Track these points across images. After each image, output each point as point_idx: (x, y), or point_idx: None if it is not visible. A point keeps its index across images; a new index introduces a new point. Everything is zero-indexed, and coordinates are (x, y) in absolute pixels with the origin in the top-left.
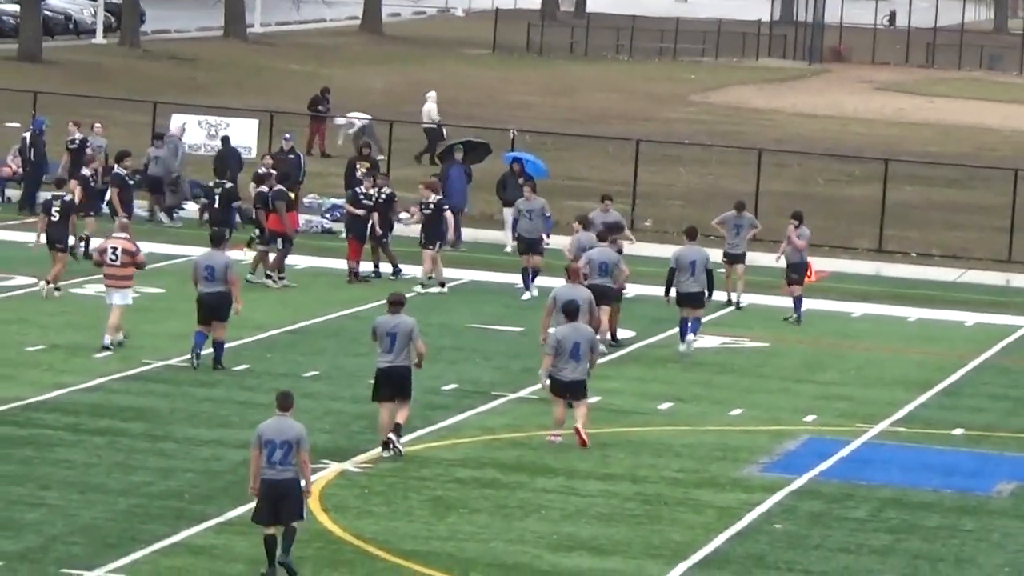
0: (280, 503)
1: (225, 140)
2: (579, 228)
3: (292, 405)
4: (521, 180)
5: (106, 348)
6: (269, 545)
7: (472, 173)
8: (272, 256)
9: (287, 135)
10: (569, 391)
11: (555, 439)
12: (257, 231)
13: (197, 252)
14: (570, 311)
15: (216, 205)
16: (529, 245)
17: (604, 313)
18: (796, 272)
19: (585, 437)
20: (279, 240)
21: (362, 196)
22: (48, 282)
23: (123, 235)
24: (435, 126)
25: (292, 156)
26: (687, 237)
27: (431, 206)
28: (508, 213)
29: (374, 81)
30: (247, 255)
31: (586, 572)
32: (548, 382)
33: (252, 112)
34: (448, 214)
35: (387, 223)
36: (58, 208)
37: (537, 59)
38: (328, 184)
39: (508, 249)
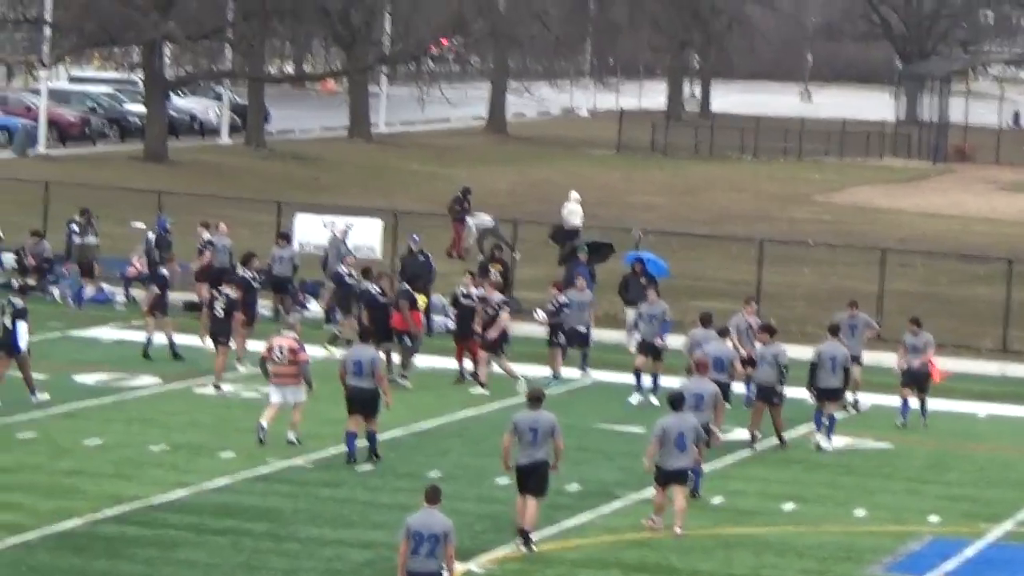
0: None
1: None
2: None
3: (440, 498)
4: (643, 280)
5: (262, 442)
6: None
7: (596, 273)
8: (395, 356)
9: (415, 236)
10: (673, 480)
11: (653, 523)
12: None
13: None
14: (675, 401)
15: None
16: (649, 350)
17: (719, 410)
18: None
19: (679, 531)
20: (404, 338)
21: (462, 296)
22: (216, 387)
23: (291, 333)
24: (575, 229)
25: (422, 257)
26: (830, 334)
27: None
28: (631, 313)
29: (498, 181)
30: (331, 352)
31: None
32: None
33: (376, 211)
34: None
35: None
36: (222, 304)
37: (661, 159)
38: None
39: (632, 349)
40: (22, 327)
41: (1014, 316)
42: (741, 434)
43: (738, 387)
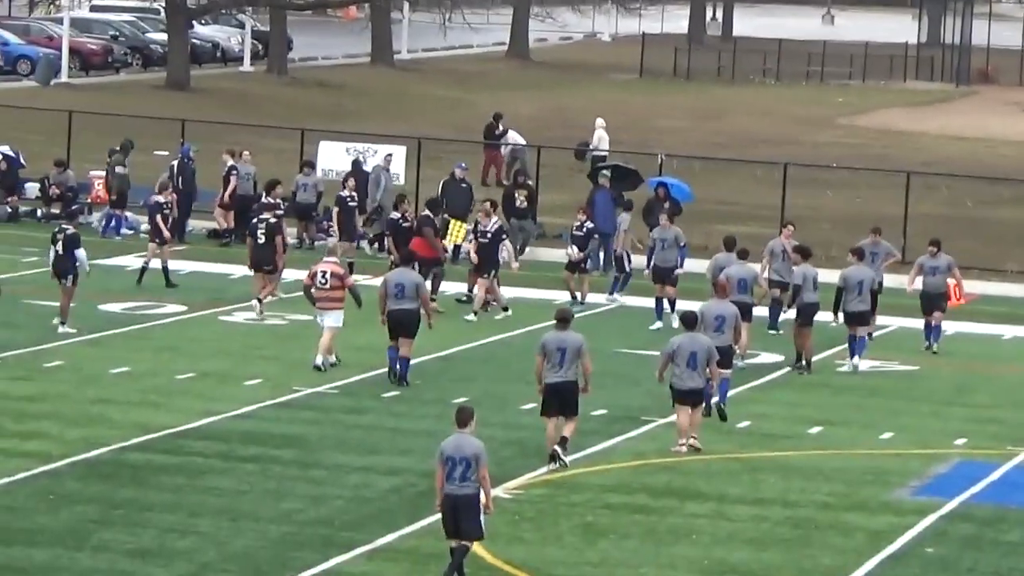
0: (459, 518)
1: (356, 163)
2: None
3: (470, 420)
4: (666, 205)
5: (318, 368)
6: (453, 554)
7: (621, 199)
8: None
9: (462, 164)
10: (686, 399)
11: (680, 448)
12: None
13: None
14: (688, 321)
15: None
16: (662, 275)
17: (744, 329)
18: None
19: (697, 444)
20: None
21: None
22: (259, 300)
23: (332, 259)
24: (605, 154)
25: (464, 185)
26: (856, 257)
27: (488, 234)
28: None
29: (521, 106)
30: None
31: None
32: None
33: (399, 139)
34: (507, 242)
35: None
36: (263, 231)
37: (684, 83)
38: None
39: (646, 273)
40: (81, 254)
41: None
42: (766, 358)
43: (760, 311)
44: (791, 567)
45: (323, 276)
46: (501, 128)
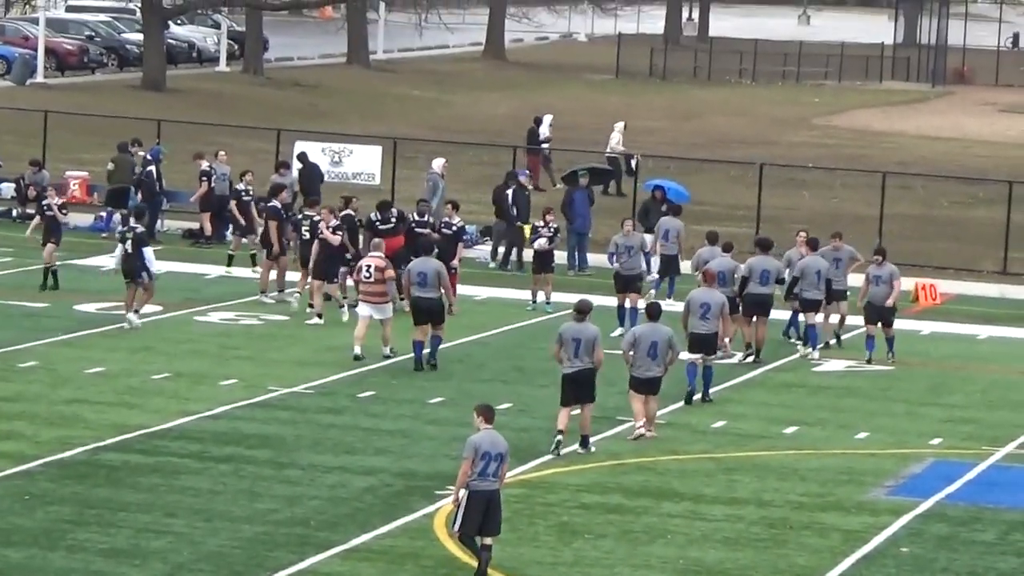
0: (492, 514)
1: (302, 157)
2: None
3: (494, 416)
4: (664, 207)
5: (357, 358)
6: (471, 543)
7: (594, 198)
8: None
9: (526, 171)
10: (645, 388)
11: (642, 432)
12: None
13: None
14: (651, 312)
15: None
16: (626, 282)
17: (726, 321)
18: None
19: (650, 433)
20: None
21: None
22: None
23: (377, 254)
24: (618, 156)
25: (526, 192)
26: (809, 247)
27: (452, 226)
28: (649, 239)
29: (497, 107)
30: (255, 272)
31: None
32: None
33: (375, 138)
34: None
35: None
36: (307, 228)
37: (660, 84)
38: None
39: (649, 277)
40: (149, 252)
41: (1014, 238)
42: (742, 358)
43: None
44: (765, 567)
45: (368, 270)
46: (542, 133)
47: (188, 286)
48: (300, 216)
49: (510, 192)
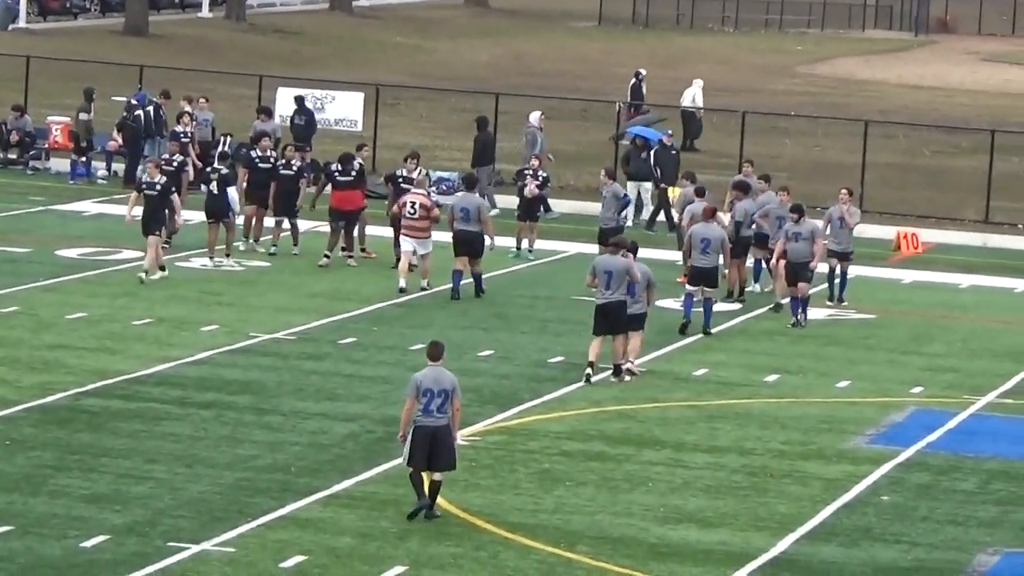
0: (437, 450)
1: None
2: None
3: (443, 354)
4: (643, 155)
5: (402, 290)
6: (417, 481)
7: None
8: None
9: (668, 132)
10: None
11: (623, 363)
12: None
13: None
14: (604, 239)
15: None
16: (605, 235)
17: (727, 255)
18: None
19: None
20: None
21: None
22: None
23: (420, 191)
24: (693, 111)
25: (673, 151)
26: (767, 182)
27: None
28: (631, 187)
29: (478, 54)
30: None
31: (693, 545)
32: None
33: (357, 84)
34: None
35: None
36: (216, 179)
37: (643, 31)
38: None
39: (629, 224)
40: (233, 192)
41: (996, 187)
42: (722, 307)
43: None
44: (747, 515)
45: (412, 207)
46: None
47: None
48: (209, 170)
49: (652, 152)
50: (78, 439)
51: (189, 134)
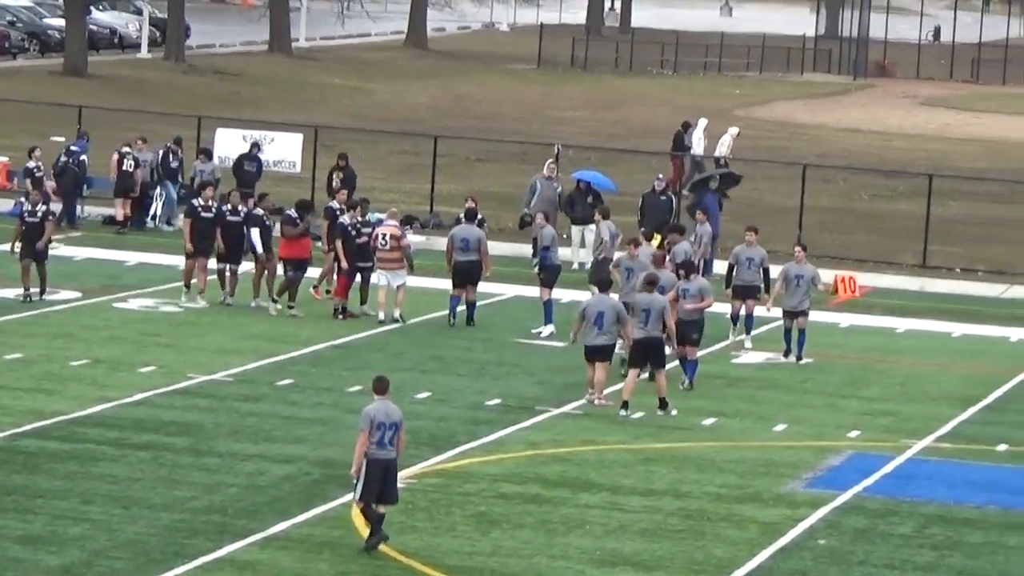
0: (388, 482)
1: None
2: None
3: (389, 388)
4: (589, 199)
5: (382, 322)
6: (372, 515)
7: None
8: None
9: (660, 175)
10: (595, 355)
11: (593, 399)
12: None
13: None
14: (600, 283)
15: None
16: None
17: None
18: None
19: (600, 401)
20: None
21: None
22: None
23: (393, 223)
24: (717, 158)
25: (663, 197)
26: (753, 234)
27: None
28: (575, 231)
29: (419, 96)
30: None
31: None
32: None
33: (296, 127)
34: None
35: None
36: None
37: (582, 74)
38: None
39: (575, 266)
40: (255, 233)
41: (934, 231)
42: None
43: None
44: (683, 558)
45: (384, 239)
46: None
47: (107, 272)
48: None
49: (642, 196)
50: (13, 480)
51: (40, 168)
